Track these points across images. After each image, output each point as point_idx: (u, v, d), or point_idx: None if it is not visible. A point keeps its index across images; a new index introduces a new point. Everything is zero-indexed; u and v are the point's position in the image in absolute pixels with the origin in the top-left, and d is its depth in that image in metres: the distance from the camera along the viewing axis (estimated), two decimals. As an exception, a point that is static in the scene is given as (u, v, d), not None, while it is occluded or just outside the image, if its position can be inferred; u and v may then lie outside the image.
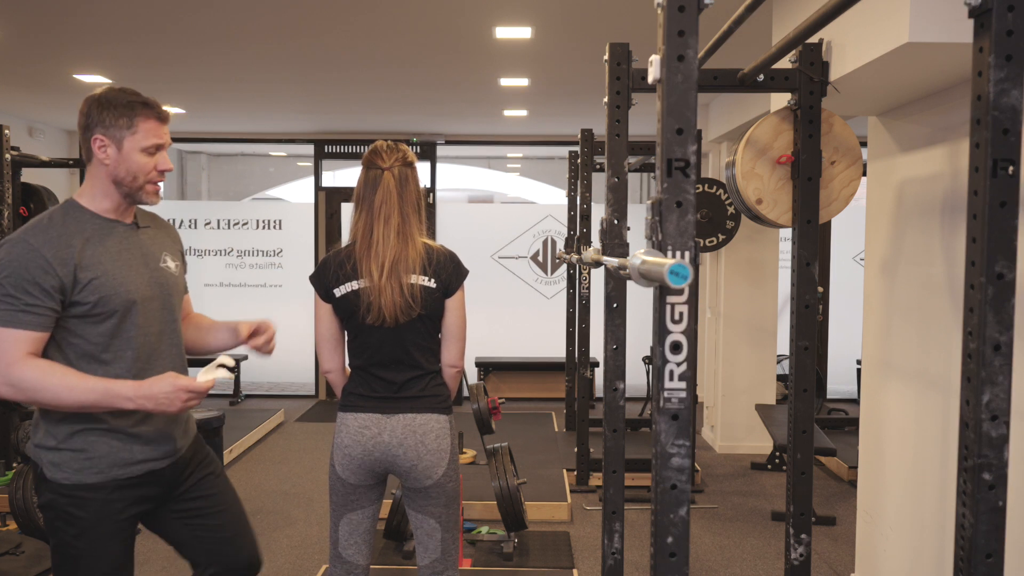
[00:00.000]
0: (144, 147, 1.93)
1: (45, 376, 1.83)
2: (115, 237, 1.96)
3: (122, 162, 1.93)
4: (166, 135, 1.99)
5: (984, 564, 1.53)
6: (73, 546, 1.91)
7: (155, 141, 1.94)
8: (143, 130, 1.93)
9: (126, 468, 1.94)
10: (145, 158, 1.94)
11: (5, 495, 4.18)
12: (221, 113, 7.02)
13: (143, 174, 1.94)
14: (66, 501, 1.90)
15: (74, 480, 1.90)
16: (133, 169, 1.93)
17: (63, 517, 1.91)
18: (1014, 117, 1.47)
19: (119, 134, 1.91)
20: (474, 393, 4.11)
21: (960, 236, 2.55)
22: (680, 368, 1.31)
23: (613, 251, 2.59)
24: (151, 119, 1.94)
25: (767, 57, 2.49)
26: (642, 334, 7.02)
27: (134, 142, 1.92)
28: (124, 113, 1.91)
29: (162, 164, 1.97)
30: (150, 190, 1.98)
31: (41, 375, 1.83)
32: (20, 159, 4.89)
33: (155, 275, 2.02)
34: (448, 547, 2.31)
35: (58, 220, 1.91)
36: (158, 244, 2.08)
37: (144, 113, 1.93)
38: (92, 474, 1.91)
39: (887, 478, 3.11)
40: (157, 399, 1.86)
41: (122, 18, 4.09)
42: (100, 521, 1.91)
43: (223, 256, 8.02)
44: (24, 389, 1.83)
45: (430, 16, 4.02)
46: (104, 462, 1.92)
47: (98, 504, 1.91)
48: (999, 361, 1.50)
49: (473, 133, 8.08)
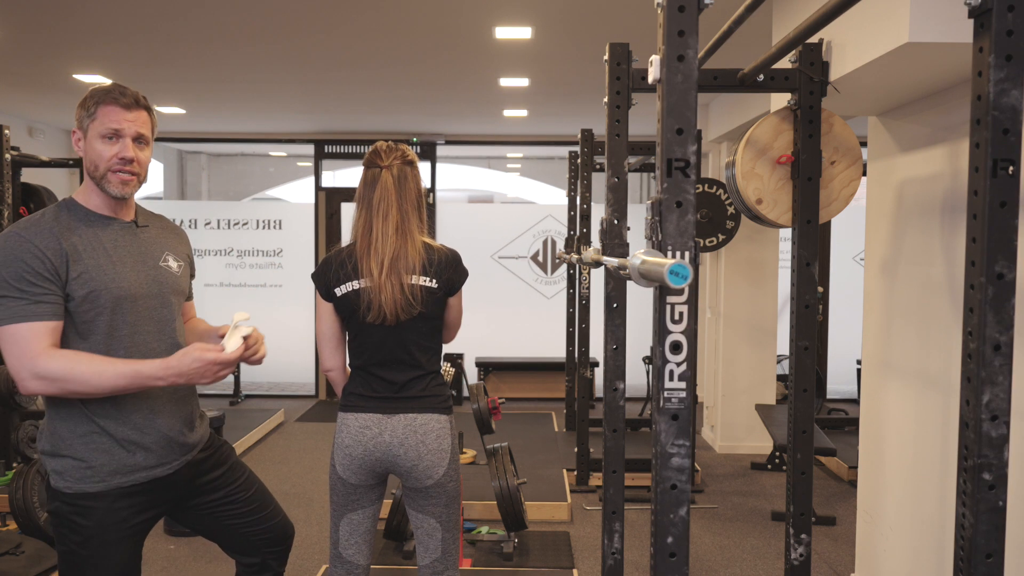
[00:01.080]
0: (101, 133, 1.90)
1: (72, 364, 1.81)
2: (110, 233, 1.95)
3: (88, 151, 1.92)
4: (128, 121, 1.91)
5: (984, 564, 1.53)
6: (78, 554, 1.90)
7: (111, 126, 1.89)
8: (101, 115, 1.89)
9: (128, 476, 1.93)
10: (103, 145, 1.90)
11: (5, 495, 4.18)
12: (221, 113, 7.02)
13: (103, 161, 1.90)
14: (70, 510, 1.89)
15: (76, 489, 1.89)
16: (93, 157, 1.91)
17: (68, 525, 1.90)
18: (1014, 117, 1.47)
19: (86, 123, 1.91)
20: (474, 393, 4.11)
21: (960, 236, 2.55)
22: (680, 368, 1.32)
23: (613, 251, 2.59)
24: (110, 104, 1.90)
25: (767, 57, 2.49)
26: (642, 334, 7.04)
27: (93, 129, 1.90)
28: (88, 103, 1.91)
29: (121, 151, 1.90)
30: (113, 180, 1.92)
31: (68, 364, 1.81)
32: (20, 159, 4.89)
33: (153, 273, 2.00)
34: (448, 547, 2.31)
35: (50, 216, 1.90)
36: (160, 244, 2.07)
37: (104, 100, 1.90)
38: (93, 483, 1.90)
39: (887, 478, 3.11)
40: (188, 375, 1.84)
41: (122, 18, 4.09)
42: (105, 529, 1.90)
43: (223, 256, 8.02)
44: (54, 379, 1.80)
45: (430, 16, 4.02)
46: (105, 470, 1.90)
47: (101, 513, 1.90)
48: (999, 361, 1.50)
49: (473, 133, 8.08)
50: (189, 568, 3.82)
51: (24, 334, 1.80)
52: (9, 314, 1.80)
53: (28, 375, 1.80)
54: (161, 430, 1.98)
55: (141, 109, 1.94)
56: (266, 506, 2.22)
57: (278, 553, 2.24)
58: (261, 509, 2.20)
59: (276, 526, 2.23)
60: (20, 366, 1.80)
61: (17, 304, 1.80)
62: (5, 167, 4.52)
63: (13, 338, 1.80)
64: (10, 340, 1.80)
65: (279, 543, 2.24)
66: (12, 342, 1.80)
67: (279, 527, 2.23)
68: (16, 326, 1.80)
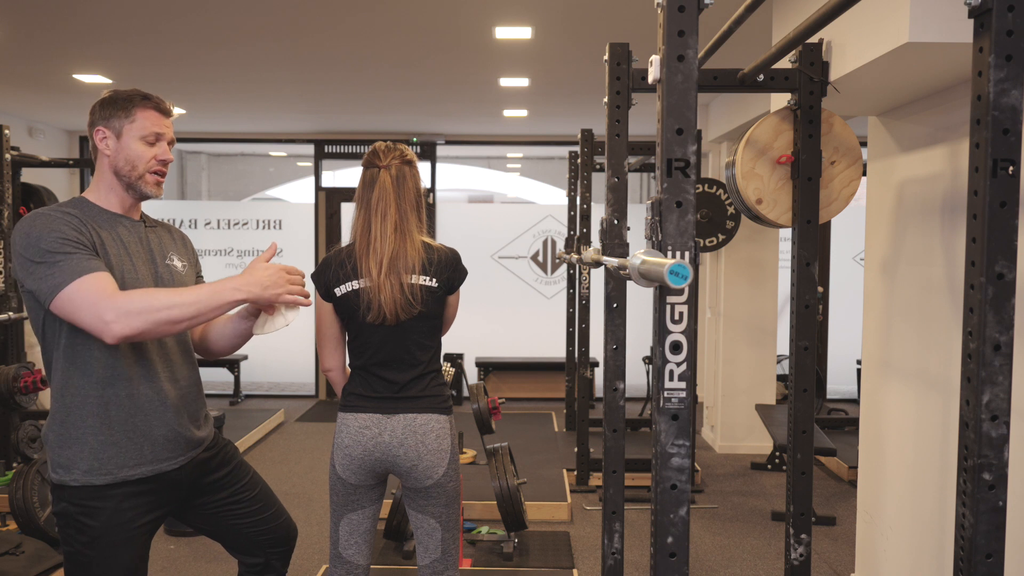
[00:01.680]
0: (142, 135, 1.96)
1: (147, 296, 1.82)
2: (123, 230, 1.99)
3: (121, 151, 1.96)
4: (167, 127, 2.01)
5: (984, 564, 1.53)
6: (85, 555, 1.90)
7: (153, 130, 1.97)
8: (141, 118, 1.96)
9: (136, 469, 1.93)
10: (143, 147, 1.96)
11: (5, 495, 4.18)
12: (221, 113, 7.02)
13: (142, 162, 1.96)
14: (77, 510, 1.89)
15: (82, 482, 1.88)
16: (132, 158, 1.95)
17: (75, 526, 1.89)
18: (1014, 117, 1.47)
19: (118, 124, 1.95)
20: (474, 393, 4.12)
21: (960, 236, 2.55)
22: (680, 368, 1.32)
23: (613, 251, 2.59)
24: (149, 109, 1.97)
25: (767, 57, 2.49)
26: (642, 334, 7.05)
27: (132, 131, 1.95)
28: (123, 105, 1.96)
29: (162, 154, 1.99)
30: (150, 180, 1.99)
31: (144, 295, 1.82)
32: (20, 159, 4.89)
33: (161, 271, 2.03)
34: (448, 547, 2.31)
35: (68, 207, 1.93)
36: (166, 244, 2.11)
37: (142, 104, 1.97)
38: (100, 475, 1.89)
39: (887, 478, 3.11)
40: (263, 283, 1.92)
41: (122, 18, 4.09)
42: (111, 530, 1.90)
43: (223, 256, 8.02)
44: (140, 312, 1.78)
45: (430, 16, 4.02)
46: (112, 463, 1.90)
47: (108, 513, 1.89)
48: (999, 361, 1.50)
49: (473, 133, 8.08)
50: (189, 568, 3.82)
51: (91, 284, 1.78)
52: (69, 273, 1.79)
53: (114, 316, 1.77)
54: (170, 424, 1.98)
55: (171, 116, 2.05)
56: (270, 506, 2.22)
57: (281, 553, 2.25)
58: (265, 509, 2.20)
59: (280, 526, 2.23)
60: (102, 311, 1.77)
61: (71, 261, 1.80)
62: (5, 167, 4.52)
63: (81, 293, 1.78)
64: (79, 295, 1.78)
65: (282, 543, 2.25)
66: (83, 296, 1.78)
67: (283, 527, 2.24)
68: (80, 280, 1.78)
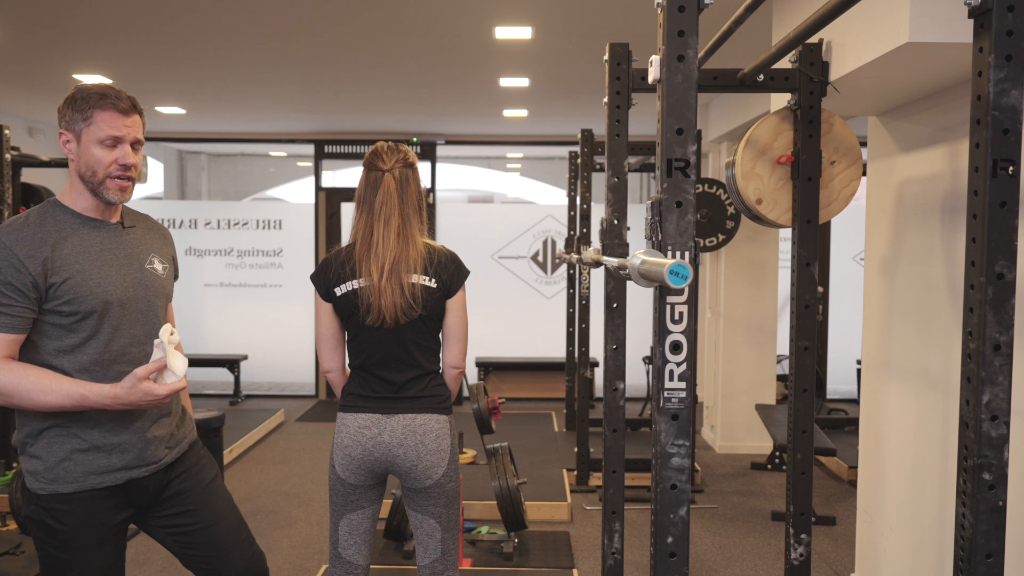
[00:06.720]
0: (99, 139, 1.85)
1: (19, 379, 1.78)
2: (96, 237, 1.91)
3: (81, 156, 1.87)
4: (127, 127, 1.88)
5: (984, 564, 1.53)
6: (58, 558, 1.87)
7: (110, 133, 1.85)
8: (98, 120, 1.85)
9: (103, 476, 1.89)
10: (102, 151, 1.86)
11: (5, 495, 4.18)
12: (221, 113, 7.02)
13: (101, 168, 1.86)
14: (45, 513, 1.86)
15: (49, 490, 1.85)
16: (91, 163, 1.86)
17: (44, 529, 1.87)
18: (1014, 117, 1.47)
19: (77, 127, 1.86)
20: (474, 393, 4.12)
21: (960, 236, 2.55)
22: (680, 368, 1.32)
23: (613, 251, 2.59)
24: (107, 110, 1.85)
25: (767, 57, 2.49)
26: (642, 334, 7.05)
27: (90, 134, 1.85)
28: (80, 107, 1.86)
29: (123, 158, 1.87)
30: (111, 186, 1.88)
31: (16, 379, 1.78)
32: (20, 159, 4.89)
33: (139, 276, 1.96)
34: (448, 547, 2.31)
35: (34, 219, 1.86)
36: (146, 245, 2.03)
37: (100, 105, 1.85)
38: (67, 483, 1.86)
39: (887, 478, 3.11)
40: (136, 404, 1.83)
41: (122, 18, 4.09)
42: (81, 532, 1.87)
43: (223, 256, 8.02)
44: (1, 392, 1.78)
45: (430, 16, 4.02)
46: (79, 470, 1.86)
47: (77, 516, 1.86)
48: (999, 361, 1.50)
49: (473, 133, 8.08)
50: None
51: None
52: None
53: None
54: (140, 430, 1.93)
55: (136, 113, 1.92)
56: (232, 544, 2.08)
57: None
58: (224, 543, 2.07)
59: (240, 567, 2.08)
60: None
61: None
62: (5, 167, 4.52)
63: None
64: None
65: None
66: None
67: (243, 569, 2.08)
68: None
